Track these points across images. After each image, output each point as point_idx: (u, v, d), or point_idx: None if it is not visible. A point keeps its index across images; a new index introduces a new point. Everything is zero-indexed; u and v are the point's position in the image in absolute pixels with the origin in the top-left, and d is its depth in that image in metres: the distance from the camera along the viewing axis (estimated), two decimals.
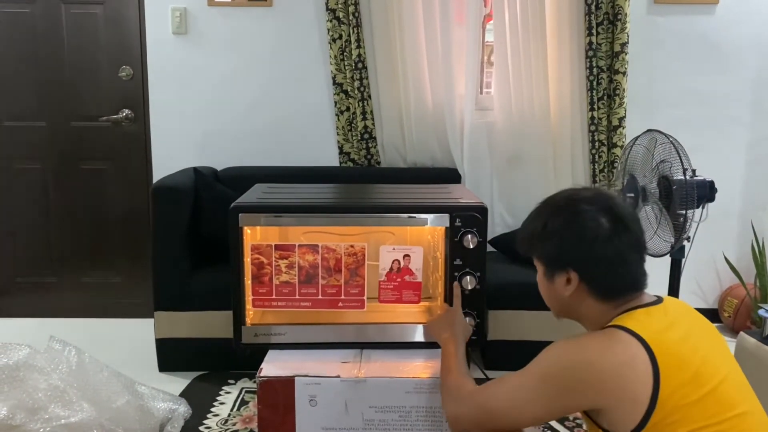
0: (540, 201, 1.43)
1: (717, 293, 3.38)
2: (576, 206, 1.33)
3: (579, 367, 1.22)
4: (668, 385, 1.16)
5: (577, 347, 1.26)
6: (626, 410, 1.17)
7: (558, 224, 1.33)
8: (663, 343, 1.20)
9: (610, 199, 1.33)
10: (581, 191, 1.37)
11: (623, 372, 1.18)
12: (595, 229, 1.29)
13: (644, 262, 1.33)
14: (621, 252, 1.28)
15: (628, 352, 1.19)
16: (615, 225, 1.29)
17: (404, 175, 3.12)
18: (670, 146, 2.38)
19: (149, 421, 2.03)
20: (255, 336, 1.85)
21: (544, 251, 1.37)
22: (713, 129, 3.23)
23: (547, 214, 1.36)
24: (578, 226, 1.30)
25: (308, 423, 1.69)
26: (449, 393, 1.50)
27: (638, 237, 1.31)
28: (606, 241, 1.28)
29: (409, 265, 1.85)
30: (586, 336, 1.29)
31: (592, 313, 1.34)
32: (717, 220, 2.42)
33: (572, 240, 1.31)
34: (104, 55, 3.25)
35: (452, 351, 1.62)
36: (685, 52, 3.19)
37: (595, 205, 1.31)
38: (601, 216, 1.29)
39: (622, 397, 1.18)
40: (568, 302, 1.36)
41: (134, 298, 3.40)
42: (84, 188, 3.36)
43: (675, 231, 2.41)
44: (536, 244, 1.38)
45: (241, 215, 1.80)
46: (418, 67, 3.10)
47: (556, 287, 1.36)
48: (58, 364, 1.92)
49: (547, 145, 3.13)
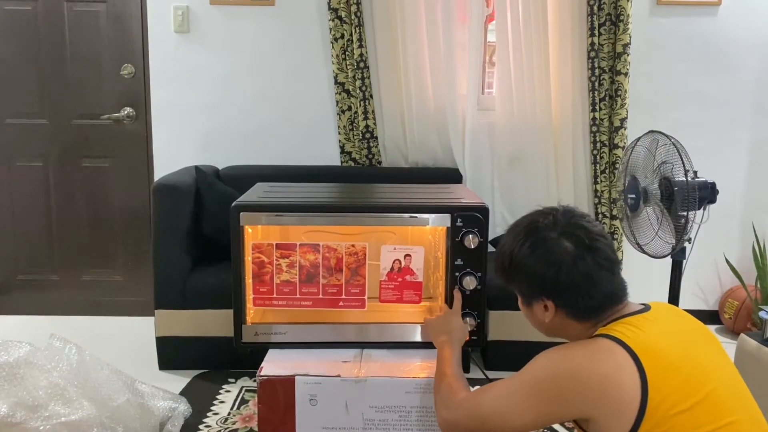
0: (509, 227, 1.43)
1: (717, 295, 3.37)
2: (538, 234, 1.33)
3: (564, 377, 1.22)
4: (657, 395, 1.15)
5: (563, 356, 1.26)
6: (614, 420, 1.17)
7: (523, 254, 1.33)
8: (650, 351, 1.19)
9: (572, 220, 1.33)
10: (542, 216, 1.36)
11: (609, 382, 1.17)
12: (559, 255, 1.29)
13: (617, 275, 1.32)
14: (588, 273, 1.28)
15: (614, 361, 1.18)
16: (579, 248, 1.29)
17: (405, 175, 3.12)
18: (672, 147, 2.38)
19: (149, 419, 2.03)
20: (255, 335, 1.85)
21: (516, 283, 1.38)
22: (715, 131, 3.23)
23: (511, 244, 1.37)
24: (542, 255, 1.31)
25: (308, 422, 1.69)
26: (441, 398, 1.50)
27: (605, 254, 1.30)
28: (572, 265, 1.28)
29: (410, 265, 1.85)
30: (573, 345, 1.29)
31: (575, 332, 1.35)
32: (718, 221, 2.42)
33: (539, 271, 1.31)
34: (106, 53, 3.25)
35: (447, 355, 1.62)
36: (688, 53, 3.19)
37: (557, 229, 1.31)
38: (564, 240, 1.30)
39: (609, 406, 1.17)
40: (552, 326, 1.37)
41: (135, 296, 3.40)
42: (85, 186, 3.36)
43: (676, 232, 2.41)
44: (508, 275, 1.39)
45: (243, 214, 1.80)
46: (420, 66, 3.10)
47: (536, 314, 1.38)
48: (58, 362, 1.92)
49: (548, 145, 3.12)
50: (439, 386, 1.55)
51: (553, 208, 1.36)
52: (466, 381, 1.55)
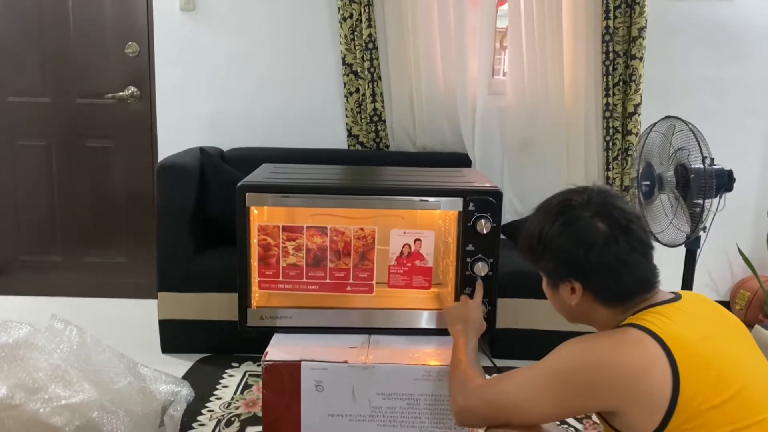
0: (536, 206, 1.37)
1: (729, 285, 3.32)
2: (570, 212, 1.27)
3: (591, 368, 1.18)
4: (689, 388, 1.10)
5: (590, 346, 1.21)
6: (643, 414, 1.12)
7: (553, 233, 1.27)
8: (682, 342, 1.14)
9: (606, 200, 1.27)
10: (575, 194, 1.30)
11: (639, 374, 1.13)
12: (591, 236, 1.23)
13: (650, 260, 1.27)
14: (621, 256, 1.23)
15: (645, 353, 1.14)
16: (612, 229, 1.23)
17: (413, 159, 3.06)
18: (689, 133, 2.32)
19: (151, 403, 1.99)
20: (260, 319, 1.81)
21: (544, 262, 1.33)
22: (729, 118, 3.16)
23: (541, 222, 1.31)
24: (573, 234, 1.25)
25: (314, 409, 1.65)
26: (457, 385, 1.46)
27: (640, 237, 1.25)
28: (604, 247, 1.23)
29: (420, 250, 1.80)
30: (600, 335, 1.24)
31: (602, 318, 1.29)
32: (731, 211, 2.37)
33: (569, 250, 1.26)
34: (110, 30, 3.19)
35: (462, 344, 1.58)
36: (704, 38, 3.11)
37: (591, 208, 1.26)
38: (598, 221, 1.24)
39: (637, 400, 1.13)
40: (577, 310, 1.32)
41: (138, 278, 3.36)
42: (88, 166, 3.31)
43: (691, 221, 2.36)
44: (535, 255, 1.33)
45: (249, 195, 1.75)
46: (430, 48, 3.03)
47: (561, 297, 1.32)
48: (59, 344, 1.88)
49: (560, 130, 3.06)
50: (454, 373, 1.51)
51: (587, 187, 1.31)
52: (481, 369, 1.51)
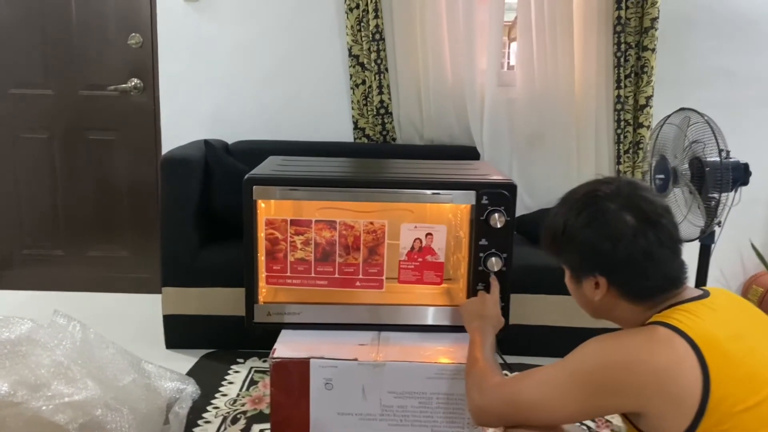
0: (560, 196, 1.31)
1: (741, 281, 3.27)
2: (597, 204, 1.22)
3: (617, 368, 1.13)
4: (719, 389, 1.06)
5: (617, 345, 1.16)
6: (671, 416, 1.08)
7: (578, 225, 1.22)
8: (712, 341, 1.09)
9: (635, 192, 1.22)
10: (603, 185, 1.25)
11: (668, 374, 1.08)
12: (619, 229, 1.18)
13: (679, 256, 1.22)
14: (649, 251, 1.17)
15: (674, 353, 1.09)
16: (641, 222, 1.18)
17: (420, 152, 3.01)
18: (705, 126, 2.27)
19: (156, 401, 1.95)
20: (268, 315, 1.77)
21: (567, 255, 1.28)
22: (743, 110, 3.10)
23: (566, 214, 1.25)
24: (600, 227, 1.20)
25: (323, 407, 1.61)
26: (474, 383, 1.41)
27: (669, 231, 1.20)
28: (632, 241, 1.17)
29: (432, 245, 1.75)
30: (627, 333, 1.20)
31: (627, 315, 1.24)
32: (743, 205, 2.32)
33: (595, 244, 1.20)
34: (113, 21, 3.14)
35: (479, 341, 1.53)
36: (717, 29, 3.05)
37: (619, 200, 1.20)
38: (626, 213, 1.19)
39: (666, 401, 1.08)
40: (600, 306, 1.27)
41: (141, 272, 3.33)
42: (91, 159, 3.27)
43: (707, 215, 2.31)
44: (558, 247, 1.28)
45: (256, 187, 1.70)
46: (438, 39, 2.97)
47: (584, 291, 1.27)
48: (62, 340, 1.84)
49: (570, 123, 3.01)
50: (470, 371, 1.46)
51: (615, 178, 1.26)
52: (499, 367, 1.46)
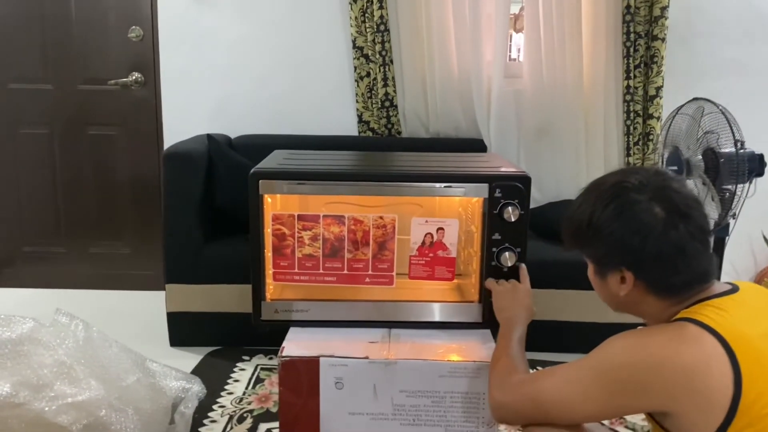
0: (586, 186, 1.26)
1: (752, 274, 3.23)
2: (625, 195, 1.16)
3: (643, 367, 1.08)
4: (752, 389, 1.01)
5: (643, 342, 1.12)
6: (700, 416, 1.04)
7: (605, 218, 1.17)
8: (743, 338, 1.05)
9: (665, 183, 1.17)
10: (631, 175, 1.20)
11: (697, 374, 1.04)
12: (648, 223, 1.13)
13: (708, 249, 1.17)
14: (680, 244, 1.12)
15: (703, 351, 1.04)
16: (671, 214, 1.13)
17: (426, 146, 2.97)
18: (720, 116, 2.23)
19: (161, 400, 1.91)
20: (276, 312, 1.72)
21: (592, 249, 1.23)
22: (755, 101, 3.04)
23: (592, 205, 1.20)
24: (629, 220, 1.15)
25: (333, 407, 1.57)
26: (496, 379, 1.37)
27: (700, 223, 1.15)
28: (662, 234, 1.12)
29: (443, 240, 1.70)
30: (653, 330, 1.15)
31: (653, 310, 1.20)
32: (754, 196, 2.27)
33: (623, 237, 1.15)
34: (113, 14, 3.09)
35: (508, 333, 1.49)
36: (728, 17, 2.99)
37: (648, 192, 1.15)
38: (655, 205, 1.14)
39: (694, 401, 1.04)
40: (625, 300, 1.22)
41: (144, 269, 3.29)
42: (92, 154, 3.23)
43: (722, 207, 2.26)
44: (583, 240, 1.23)
45: (262, 182, 1.65)
46: (443, 30, 2.92)
47: (609, 286, 1.22)
48: (64, 339, 1.80)
49: (578, 115, 2.96)
50: (495, 365, 1.42)
51: (642, 168, 1.21)
52: (526, 363, 1.41)
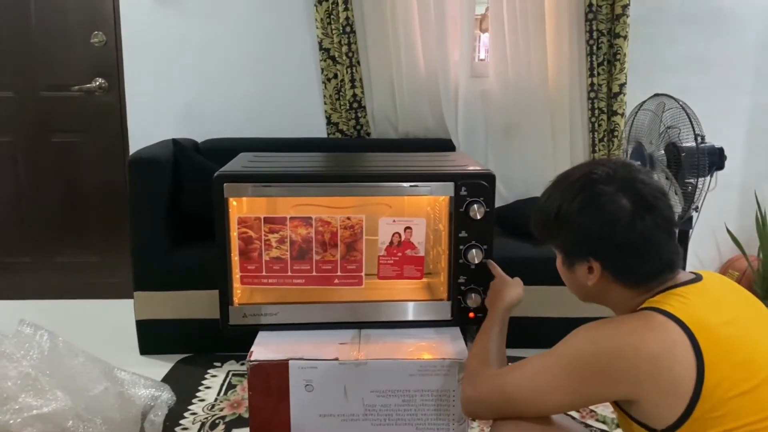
0: (554, 178, 1.27)
1: (717, 265, 3.29)
2: (592, 187, 1.18)
3: (610, 355, 1.10)
4: (714, 375, 1.04)
5: (609, 332, 1.13)
6: (665, 402, 1.06)
7: (573, 209, 1.18)
8: (706, 326, 1.07)
9: (632, 174, 1.19)
10: (598, 167, 1.21)
11: (661, 361, 1.06)
12: (615, 214, 1.15)
13: (674, 239, 1.19)
14: (646, 235, 1.14)
15: (667, 339, 1.06)
16: (638, 206, 1.15)
17: (396, 146, 2.98)
18: (680, 111, 2.27)
19: (130, 409, 1.89)
20: (244, 317, 1.71)
21: (560, 240, 1.24)
22: (715, 96, 3.10)
23: (560, 197, 1.21)
24: (596, 211, 1.16)
25: (304, 409, 1.56)
26: (468, 373, 1.38)
27: (666, 214, 1.17)
28: (628, 225, 1.14)
29: (411, 239, 1.71)
30: (619, 320, 1.17)
31: (620, 300, 1.22)
32: (717, 190, 2.32)
33: (590, 228, 1.17)
34: (75, 19, 3.05)
35: (486, 325, 1.49)
36: (687, 15, 3.05)
37: (615, 183, 1.17)
38: (622, 197, 1.15)
39: (659, 388, 1.06)
40: (593, 290, 1.24)
41: (112, 277, 3.24)
42: (56, 162, 3.18)
43: (684, 200, 2.30)
44: (551, 231, 1.24)
45: (226, 185, 1.64)
46: (410, 31, 2.93)
47: (577, 276, 1.24)
48: (28, 350, 1.77)
49: (544, 113, 2.99)
50: (467, 361, 1.42)
51: (610, 160, 1.23)
52: (502, 356, 1.41)
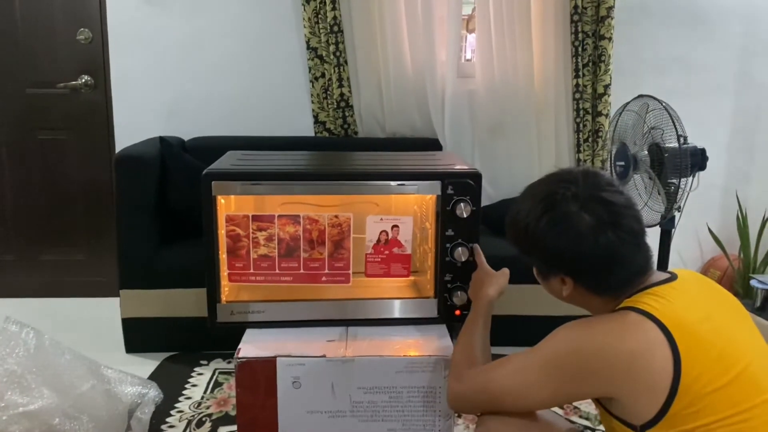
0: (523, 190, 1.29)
1: (699, 264, 3.34)
2: (557, 208, 1.19)
3: (589, 354, 1.13)
4: (690, 371, 1.06)
5: (587, 331, 1.16)
6: (643, 399, 1.08)
7: (540, 231, 1.20)
8: (681, 324, 1.10)
9: (594, 191, 1.19)
10: (562, 186, 1.21)
11: (639, 359, 1.08)
12: (579, 233, 1.16)
13: (642, 247, 1.20)
14: (612, 250, 1.16)
15: (644, 337, 1.09)
16: (602, 222, 1.16)
17: (383, 146, 2.99)
18: (663, 112, 2.30)
19: (117, 406, 1.88)
20: (231, 314, 1.71)
21: (533, 256, 1.26)
22: (698, 98, 3.15)
23: (526, 216, 1.22)
24: (561, 233, 1.18)
25: (291, 407, 1.57)
26: (454, 368, 1.40)
27: (630, 227, 1.17)
28: (593, 243, 1.16)
29: (398, 237, 1.72)
30: (597, 319, 1.19)
31: (597, 305, 1.24)
32: (699, 190, 2.36)
33: (556, 247, 1.19)
34: (60, 16, 3.03)
35: (470, 320, 1.50)
36: (671, 18, 3.10)
37: (578, 201, 1.17)
38: (585, 215, 1.16)
39: (637, 385, 1.08)
40: (569, 298, 1.27)
41: (98, 276, 3.23)
42: (42, 160, 3.16)
43: (667, 200, 2.34)
44: (523, 246, 1.27)
45: (215, 183, 1.65)
46: (397, 30, 2.94)
47: (552, 287, 1.27)
48: (14, 348, 1.76)
49: (530, 113, 3.01)
50: (453, 357, 1.44)
51: (572, 175, 1.21)
52: (487, 350, 1.43)
